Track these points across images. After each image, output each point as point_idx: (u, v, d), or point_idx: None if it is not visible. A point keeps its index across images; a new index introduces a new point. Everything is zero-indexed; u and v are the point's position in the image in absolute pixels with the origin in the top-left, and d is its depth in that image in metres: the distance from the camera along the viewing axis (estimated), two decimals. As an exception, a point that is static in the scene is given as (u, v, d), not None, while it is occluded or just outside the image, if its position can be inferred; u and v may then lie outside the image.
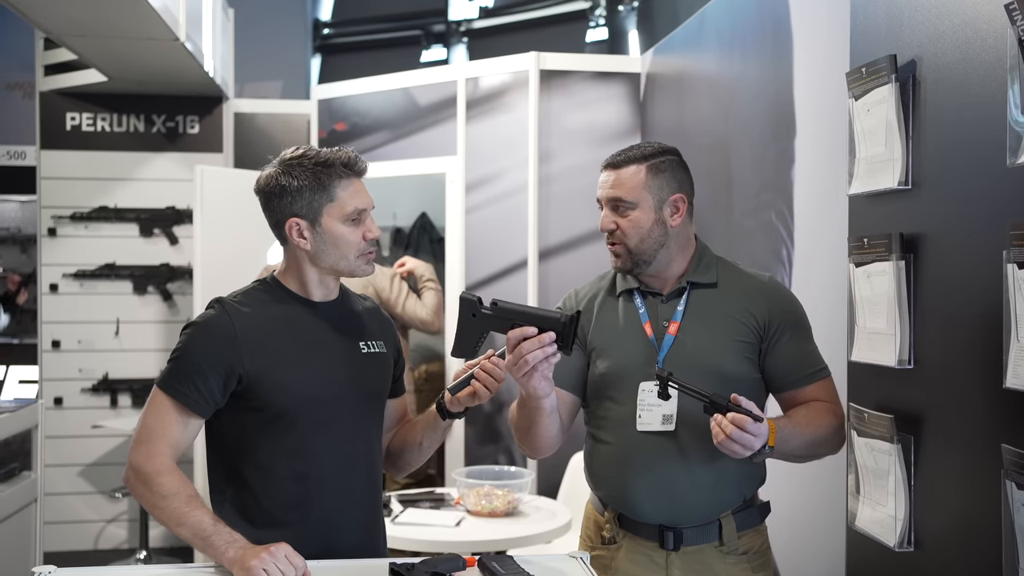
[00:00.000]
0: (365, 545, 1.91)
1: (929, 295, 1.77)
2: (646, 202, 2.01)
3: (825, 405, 2.01)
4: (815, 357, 2.04)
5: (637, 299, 2.08)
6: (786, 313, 2.03)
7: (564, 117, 4.41)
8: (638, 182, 2.01)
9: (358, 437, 1.93)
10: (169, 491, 1.76)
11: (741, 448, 1.79)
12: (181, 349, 1.85)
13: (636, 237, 2.01)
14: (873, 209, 1.96)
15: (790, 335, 2.02)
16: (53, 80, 5.22)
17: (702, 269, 2.06)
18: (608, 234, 2.04)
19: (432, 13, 10.28)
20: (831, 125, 2.44)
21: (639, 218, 2.01)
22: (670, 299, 2.05)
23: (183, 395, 1.80)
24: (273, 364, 1.83)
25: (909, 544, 1.80)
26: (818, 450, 2.02)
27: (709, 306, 2.03)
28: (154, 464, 1.78)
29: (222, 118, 5.31)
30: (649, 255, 2.02)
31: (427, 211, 6.00)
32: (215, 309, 1.88)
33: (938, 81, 1.75)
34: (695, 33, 3.67)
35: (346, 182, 1.87)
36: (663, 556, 1.99)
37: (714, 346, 2.00)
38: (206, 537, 1.72)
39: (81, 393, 5.17)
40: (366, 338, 1.97)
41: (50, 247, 5.19)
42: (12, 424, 3.46)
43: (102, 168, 5.21)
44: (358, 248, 1.88)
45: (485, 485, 3.37)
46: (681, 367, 1.93)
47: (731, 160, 3.22)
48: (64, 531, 5.15)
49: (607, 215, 2.04)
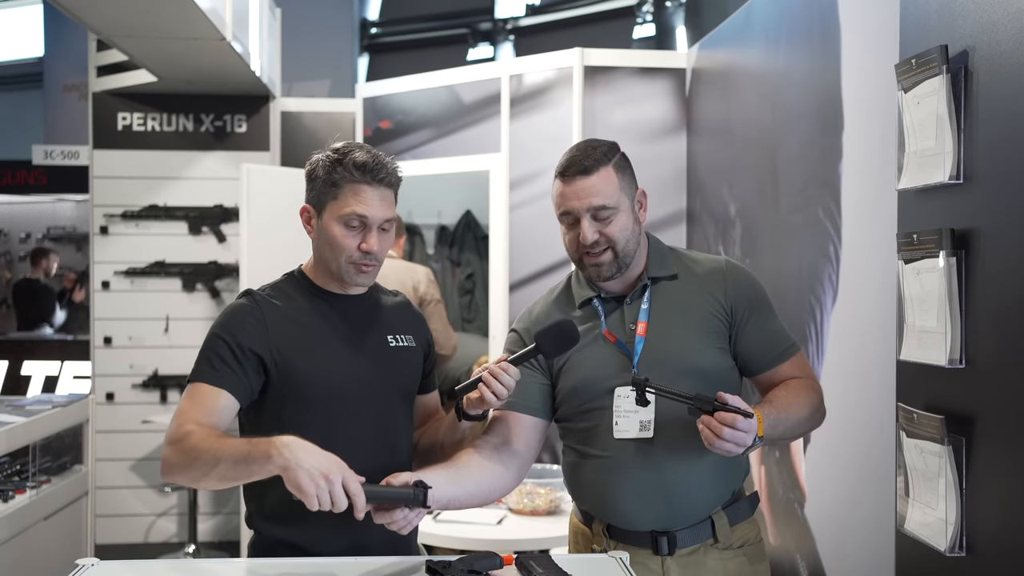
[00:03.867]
0: (394, 540, 1.85)
1: (981, 292, 1.71)
2: (624, 204, 1.94)
3: (802, 382, 1.98)
4: (783, 334, 2.01)
5: (598, 306, 2.00)
6: (749, 295, 1.99)
7: (609, 114, 4.38)
8: (614, 185, 1.93)
9: (386, 431, 1.91)
10: (198, 438, 1.68)
11: (734, 447, 1.74)
12: (209, 340, 1.84)
13: (623, 240, 1.93)
14: (923, 204, 1.91)
15: (756, 316, 1.98)
16: (105, 81, 5.32)
17: (659, 262, 2.01)
18: (588, 248, 1.92)
19: (479, 11, 10.31)
20: (880, 119, 2.38)
21: (623, 221, 1.93)
22: (634, 299, 1.98)
23: (214, 375, 1.78)
24: (300, 356, 1.83)
25: (960, 549, 1.75)
26: (804, 428, 2.01)
27: (673, 299, 1.98)
28: (183, 428, 1.72)
29: (269, 117, 5.36)
30: (631, 257, 1.96)
31: (471, 209, 6.01)
32: (244, 299, 1.89)
33: (991, 72, 1.69)
34: (741, 27, 3.61)
35: (355, 186, 1.81)
36: (658, 562, 1.94)
37: (686, 341, 1.95)
38: (246, 455, 1.62)
39: (132, 389, 5.26)
40: (394, 332, 1.95)
41: (102, 245, 5.28)
42: (64, 419, 3.53)
43: (152, 167, 5.30)
44: (348, 255, 1.83)
45: (527, 483, 3.36)
46: (656, 367, 1.89)
47: (777, 155, 3.17)
48: (115, 524, 5.24)
49: (589, 225, 1.91)
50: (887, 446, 2.28)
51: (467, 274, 6.04)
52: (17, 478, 3.20)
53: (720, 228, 3.80)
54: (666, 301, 1.98)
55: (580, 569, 1.75)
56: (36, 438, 3.31)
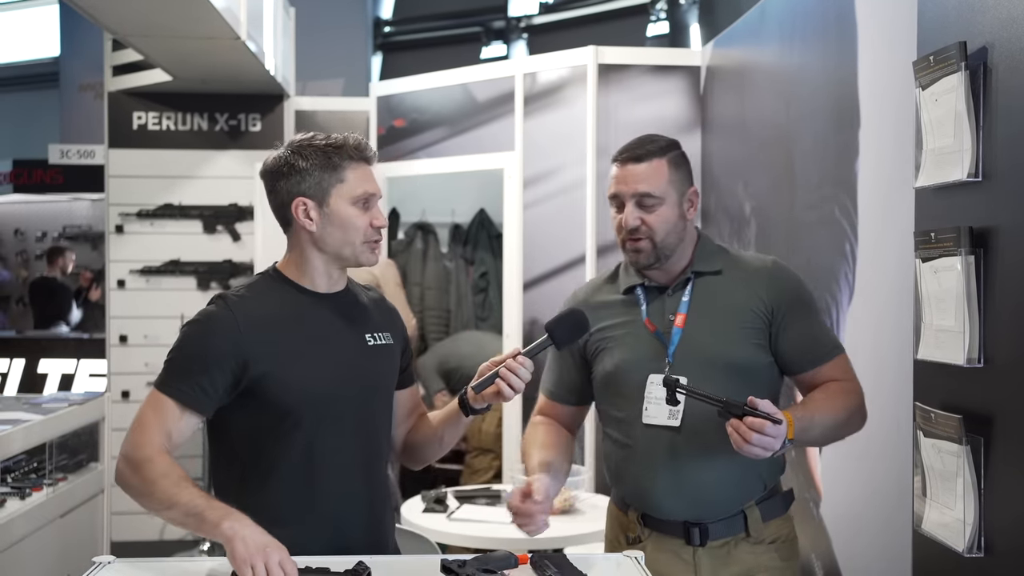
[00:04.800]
0: (374, 542, 1.86)
1: (1000, 291, 1.70)
2: (671, 197, 2.00)
3: (841, 385, 2.00)
4: (825, 336, 2.04)
5: (640, 295, 2.06)
6: (792, 295, 2.02)
7: (623, 112, 4.37)
8: (664, 176, 2.00)
9: (364, 432, 1.88)
10: (158, 474, 1.70)
11: (762, 451, 1.78)
12: (179, 347, 1.80)
13: (663, 232, 1.99)
14: (941, 202, 1.89)
15: (798, 317, 2.01)
16: (121, 80, 5.35)
17: (705, 258, 2.06)
18: (629, 232, 2.00)
19: (492, 10, 10.30)
20: (897, 116, 2.37)
21: (666, 213, 2.00)
22: (675, 291, 2.04)
23: (181, 392, 1.76)
24: (278, 360, 1.78)
25: (979, 550, 1.73)
26: (839, 432, 2.02)
27: (714, 294, 2.02)
28: (144, 451, 1.73)
29: (283, 116, 5.37)
30: (671, 249, 2.02)
31: (485, 207, 6.00)
32: (216, 305, 1.83)
33: (1011, 69, 1.68)
34: (756, 24, 3.60)
35: (355, 165, 1.83)
36: (690, 552, 1.98)
37: (722, 335, 1.99)
38: (199, 513, 1.65)
39: (147, 387, 5.22)
40: (372, 330, 1.92)
41: (117, 244, 5.31)
42: (80, 417, 3.54)
43: (167, 166, 5.32)
44: (364, 234, 1.83)
45: (541, 482, 3.34)
46: (691, 359, 1.96)
47: (793, 153, 3.15)
48: (131, 522, 5.25)
49: (632, 211, 1.99)
50: (904, 446, 2.27)
51: (481, 272, 6.03)
52: (34, 476, 3.21)
53: (735, 226, 3.78)
54: (707, 296, 2.02)
55: (595, 568, 1.75)
56: (53, 436, 3.33)
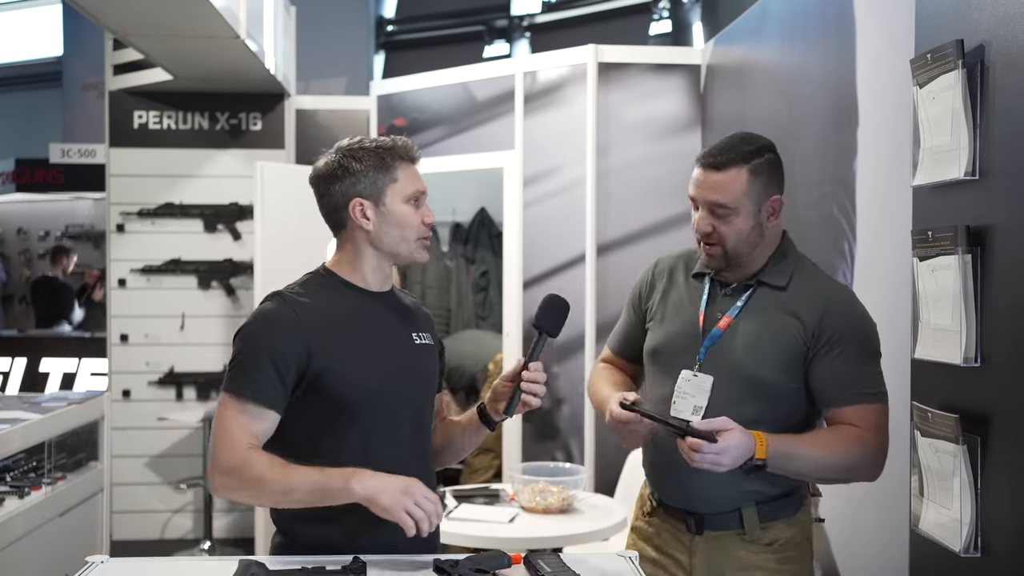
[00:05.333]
0: (423, 540, 1.85)
1: (996, 290, 1.69)
2: (746, 208, 1.96)
3: (854, 431, 1.94)
4: (864, 380, 1.96)
5: (706, 285, 2.07)
6: (841, 326, 1.97)
7: (623, 110, 4.36)
8: (740, 187, 1.95)
9: (416, 428, 1.93)
10: (261, 469, 1.72)
11: (711, 466, 1.82)
12: (246, 348, 1.81)
13: (734, 241, 1.98)
14: (938, 201, 1.89)
15: (838, 351, 1.96)
16: (122, 80, 5.35)
17: (777, 270, 2.03)
18: (703, 236, 2.00)
19: (495, 8, 10.29)
20: (895, 114, 2.36)
21: (739, 224, 1.97)
22: (735, 293, 2.03)
23: (257, 392, 1.77)
24: (337, 355, 1.82)
25: (976, 549, 1.73)
26: (837, 474, 1.99)
27: (769, 307, 2.00)
28: (236, 456, 1.74)
29: (284, 115, 5.37)
30: (744, 257, 2.01)
31: (486, 206, 6.00)
32: (275, 302, 1.85)
33: (1008, 67, 1.67)
34: (756, 22, 3.59)
35: (405, 165, 1.91)
36: (689, 538, 2.05)
37: (756, 350, 1.98)
38: (321, 487, 1.70)
39: (148, 386, 5.29)
40: (417, 329, 1.97)
41: (118, 243, 5.31)
42: (80, 416, 3.55)
43: (167, 165, 5.32)
44: (418, 231, 1.90)
45: (540, 482, 3.35)
46: (719, 363, 1.98)
47: (793, 152, 3.14)
48: (132, 520, 5.27)
49: (705, 217, 1.98)
50: (901, 445, 2.26)
51: (481, 271, 6.04)
52: (33, 475, 3.22)
53: (735, 225, 3.77)
54: (762, 307, 2.01)
55: (589, 568, 1.74)
56: (52, 435, 3.33)
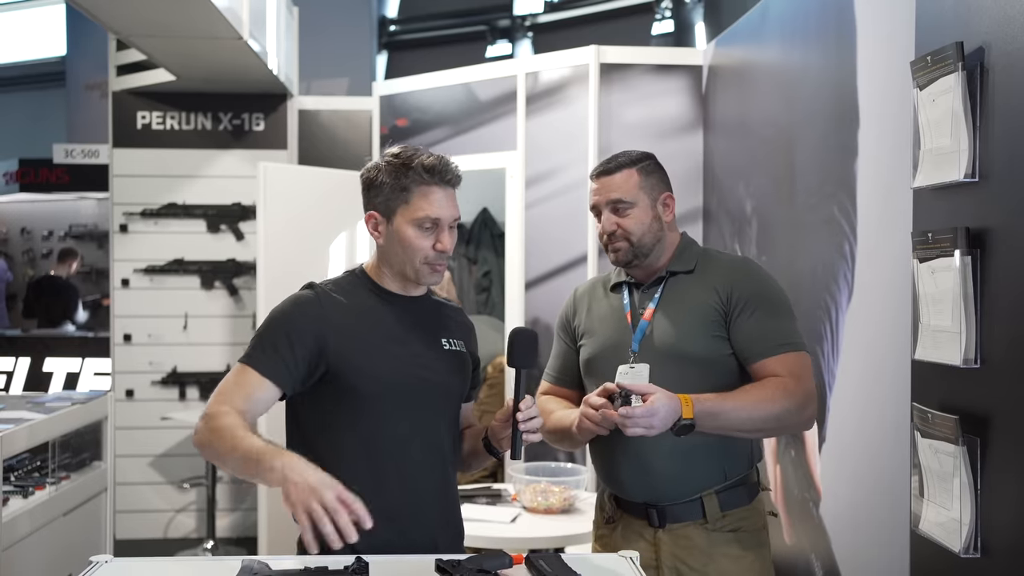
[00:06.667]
0: (441, 542, 1.89)
1: (996, 292, 1.70)
2: (643, 201, 2.19)
3: (777, 381, 2.04)
4: (781, 332, 2.10)
5: (625, 291, 2.24)
6: (750, 288, 2.12)
7: (625, 111, 4.37)
8: (634, 183, 2.19)
9: (434, 431, 1.94)
10: (226, 424, 1.75)
11: (645, 430, 1.90)
12: (266, 324, 1.89)
13: (638, 232, 2.17)
14: (938, 203, 1.89)
15: (753, 309, 2.10)
16: (125, 80, 5.36)
17: (683, 259, 2.22)
18: (608, 236, 2.18)
19: (497, 8, 10.31)
20: (895, 116, 2.36)
21: (639, 215, 2.18)
22: (650, 288, 2.21)
23: (262, 362, 1.83)
24: (356, 350, 1.86)
25: (975, 550, 1.73)
26: (768, 425, 2.06)
27: (683, 292, 2.17)
28: (218, 408, 1.79)
29: (287, 115, 5.39)
30: (648, 248, 2.19)
31: (488, 206, 6.01)
32: (308, 291, 1.93)
33: (1007, 69, 1.68)
34: (757, 23, 3.59)
35: (425, 188, 1.87)
36: (652, 533, 2.11)
37: (683, 329, 2.12)
38: (257, 457, 1.66)
39: (151, 386, 5.30)
40: (448, 335, 2.00)
41: (122, 243, 5.32)
42: (83, 415, 3.56)
43: (171, 165, 5.34)
44: (424, 256, 1.89)
45: (542, 482, 3.36)
46: (653, 351, 2.12)
47: (794, 152, 3.15)
48: (136, 520, 5.29)
49: (608, 218, 2.19)
50: (902, 446, 2.26)
51: (483, 272, 6.04)
52: (37, 474, 3.23)
53: (736, 226, 3.78)
54: (677, 292, 2.19)
55: (591, 569, 1.75)
56: (56, 435, 3.34)
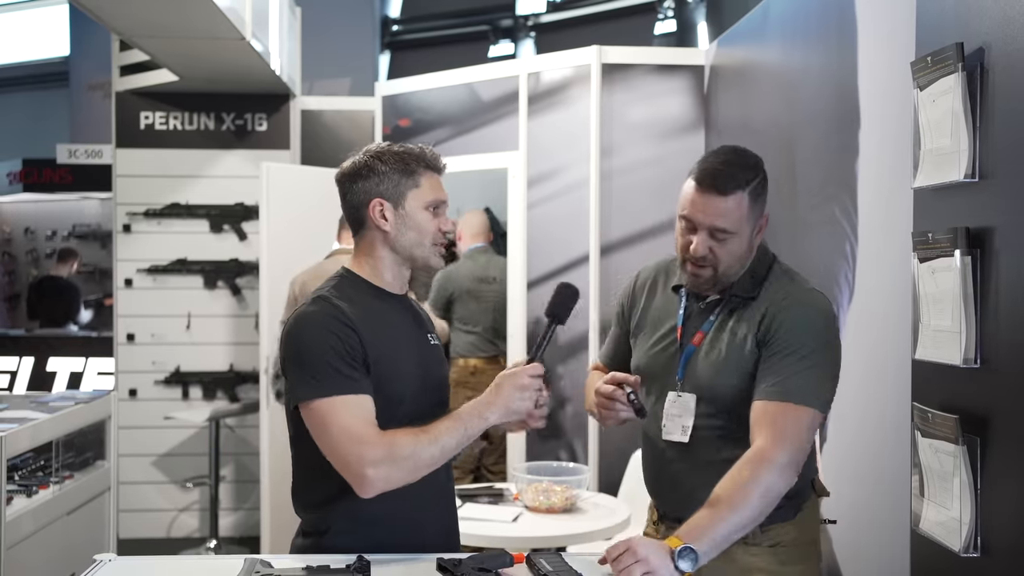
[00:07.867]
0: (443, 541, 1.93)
1: (996, 292, 1.70)
2: (745, 231, 1.98)
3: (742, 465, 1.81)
4: (790, 381, 1.88)
5: (683, 299, 2.10)
6: (785, 332, 1.93)
7: (626, 111, 4.37)
8: (743, 212, 1.96)
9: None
10: (410, 444, 1.75)
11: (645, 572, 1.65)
12: (311, 352, 1.79)
13: (727, 263, 1.98)
14: (938, 203, 1.90)
15: (777, 350, 1.93)
16: (128, 80, 5.37)
17: (749, 282, 2.02)
18: (697, 258, 1.97)
19: (500, 8, 10.31)
20: (896, 116, 2.37)
21: (736, 246, 1.97)
22: (708, 306, 2.05)
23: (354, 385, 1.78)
24: (384, 351, 1.85)
25: (975, 549, 1.74)
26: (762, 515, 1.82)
27: (739, 318, 2.01)
28: (375, 450, 1.73)
29: (289, 115, 5.39)
30: (731, 278, 2.02)
31: (490, 206, 6.01)
32: (320, 305, 1.84)
33: (1007, 69, 1.68)
34: (759, 24, 3.60)
35: (429, 173, 1.95)
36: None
37: (723, 363, 1.99)
38: (466, 432, 1.79)
39: (154, 385, 5.31)
40: (429, 331, 2.03)
41: (125, 243, 5.34)
42: (87, 415, 3.56)
43: (173, 166, 5.35)
44: (434, 237, 1.94)
45: (544, 481, 3.36)
46: (695, 380, 2.02)
47: (795, 153, 3.15)
48: (139, 519, 5.30)
49: (703, 240, 1.95)
50: (902, 445, 2.27)
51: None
52: (41, 474, 3.24)
53: (738, 226, 3.78)
54: (732, 319, 2.02)
55: (592, 568, 1.76)
56: (59, 434, 3.35)
